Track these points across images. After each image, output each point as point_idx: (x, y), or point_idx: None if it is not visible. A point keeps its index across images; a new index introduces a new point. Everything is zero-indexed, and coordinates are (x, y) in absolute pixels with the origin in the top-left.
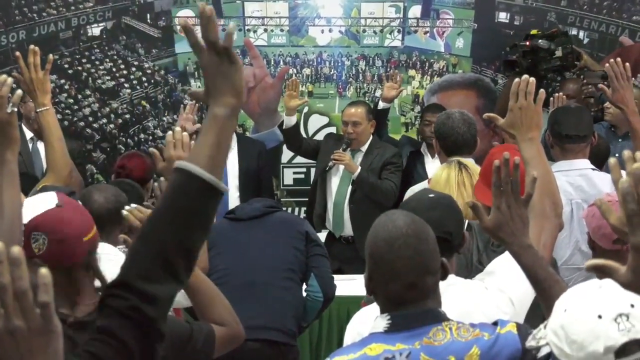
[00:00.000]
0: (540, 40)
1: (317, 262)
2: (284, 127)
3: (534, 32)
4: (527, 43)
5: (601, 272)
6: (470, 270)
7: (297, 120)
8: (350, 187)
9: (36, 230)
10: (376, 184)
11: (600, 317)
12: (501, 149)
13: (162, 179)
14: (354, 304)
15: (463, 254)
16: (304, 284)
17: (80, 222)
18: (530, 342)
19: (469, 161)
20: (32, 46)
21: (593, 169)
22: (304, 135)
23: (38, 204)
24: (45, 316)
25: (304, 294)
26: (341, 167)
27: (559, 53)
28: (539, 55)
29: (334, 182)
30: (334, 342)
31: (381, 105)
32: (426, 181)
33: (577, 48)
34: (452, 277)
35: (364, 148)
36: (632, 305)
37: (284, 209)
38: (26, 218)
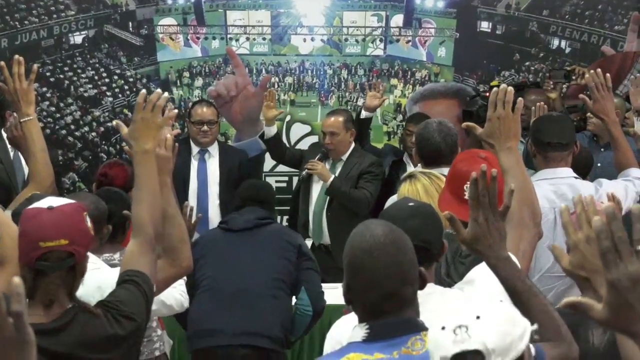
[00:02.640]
0: None
1: (308, 277)
2: (265, 137)
3: (494, 83)
4: (487, 94)
5: (576, 310)
6: (438, 283)
7: (277, 130)
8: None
9: (19, 220)
10: (348, 193)
11: (443, 328)
12: (465, 156)
13: None
14: (336, 312)
15: None
16: (294, 297)
17: (49, 227)
18: None
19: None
20: (16, 56)
21: (576, 178)
22: (286, 144)
23: (43, 202)
24: (18, 326)
25: (294, 307)
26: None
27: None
28: None
29: (315, 191)
30: (315, 350)
31: (364, 114)
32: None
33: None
34: (431, 286)
35: (345, 157)
36: (478, 317)
37: None
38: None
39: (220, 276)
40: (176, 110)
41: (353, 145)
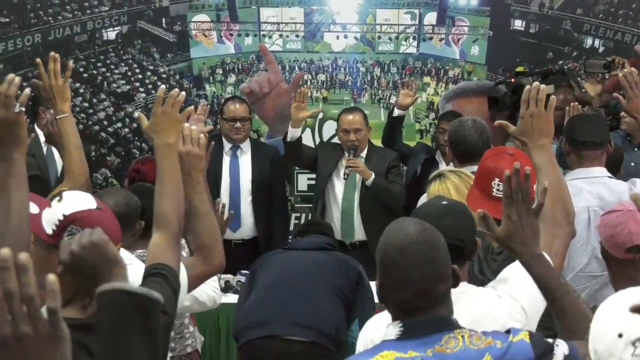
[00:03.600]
0: (523, 79)
1: (364, 310)
2: (288, 139)
3: (519, 69)
4: (512, 80)
5: None
6: (471, 281)
7: (301, 134)
8: (357, 193)
9: (75, 225)
10: (390, 188)
11: (620, 335)
12: (492, 152)
13: None
14: None
15: None
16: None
17: (115, 230)
18: None
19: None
20: (52, 53)
21: (610, 177)
22: (318, 140)
23: (79, 201)
24: (53, 322)
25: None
26: (342, 173)
27: (549, 90)
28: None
29: (339, 189)
30: None
31: (396, 112)
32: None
33: (573, 83)
34: (464, 285)
35: (364, 154)
36: None
37: (297, 214)
38: (67, 210)
39: (279, 276)
40: (209, 106)
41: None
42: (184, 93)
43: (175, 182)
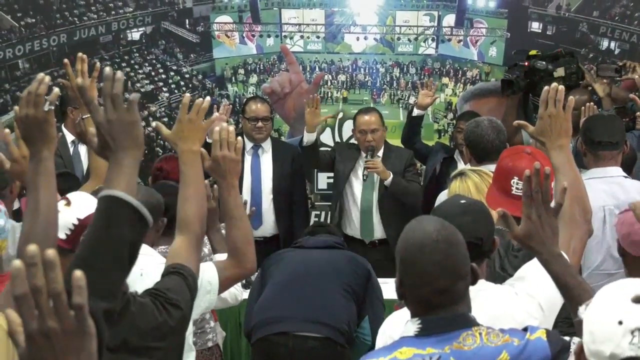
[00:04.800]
0: (538, 62)
1: (374, 307)
2: (304, 143)
3: (532, 52)
4: (526, 63)
5: None
6: (493, 278)
7: (316, 138)
8: (376, 193)
9: None
10: (408, 187)
11: (620, 323)
12: (510, 152)
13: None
14: (386, 308)
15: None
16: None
17: None
18: None
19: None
20: (80, 54)
21: (625, 177)
22: (338, 139)
23: (89, 203)
24: (79, 318)
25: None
26: (360, 173)
27: (560, 73)
28: (537, 76)
29: (357, 189)
30: None
31: (415, 112)
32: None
33: (582, 66)
34: (482, 282)
35: (380, 153)
36: None
37: (317, 212)
38: (80, 214)
39: (292, 273)
40: (231, 105)
41: None
42: (208, 99)
43: (198, 186)
